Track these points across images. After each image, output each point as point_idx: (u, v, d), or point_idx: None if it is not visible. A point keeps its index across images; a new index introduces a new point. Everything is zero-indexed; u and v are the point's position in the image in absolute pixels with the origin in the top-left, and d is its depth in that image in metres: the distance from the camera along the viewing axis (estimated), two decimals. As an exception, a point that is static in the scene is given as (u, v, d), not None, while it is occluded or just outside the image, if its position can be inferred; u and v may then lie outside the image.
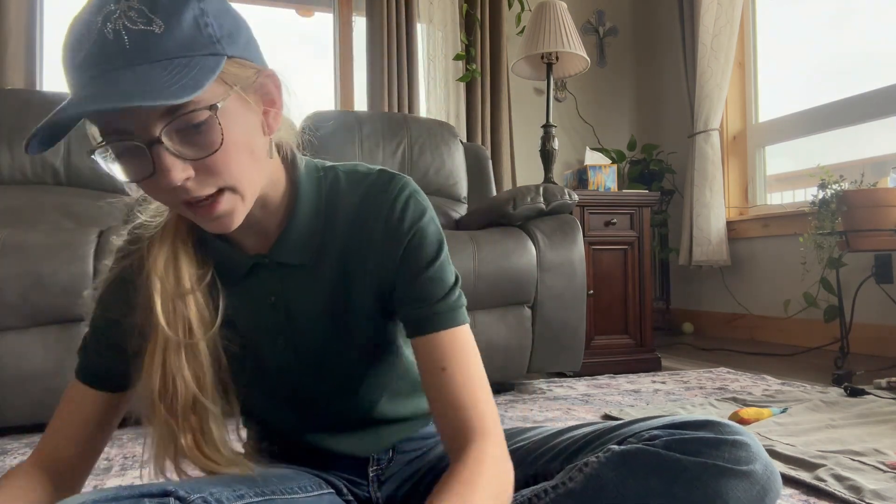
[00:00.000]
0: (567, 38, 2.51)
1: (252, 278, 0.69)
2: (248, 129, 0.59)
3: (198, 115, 0.54)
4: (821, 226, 2.17)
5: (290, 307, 0.71)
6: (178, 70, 0.52)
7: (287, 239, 0.68)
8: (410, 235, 0.68)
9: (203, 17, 0.55)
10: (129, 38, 0.52)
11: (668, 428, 0.65)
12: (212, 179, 0.57)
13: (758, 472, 0.61)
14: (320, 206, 0.69)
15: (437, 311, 0.67)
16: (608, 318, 2.39)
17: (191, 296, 0.64)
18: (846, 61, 2.89)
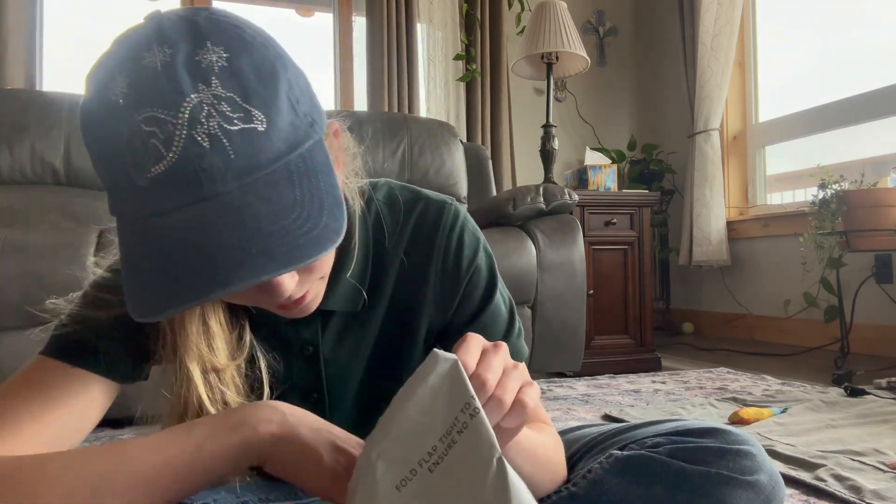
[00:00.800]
0: (567, 38, 2.50)
1: (290, 327, 0.62)
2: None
3: None
4: (821, 226, 2.17)
5: (327, 358, 0.64)
6: (301, 182, 0.45)
7: (335, 286, 0.60)
8: (468, 277, 0.64)
9: (292, 91, 0.46)
10: (232, 144, 0.42)
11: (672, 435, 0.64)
12: (310, 277, 0.52)
13: (763, 482, 0.60)
14: (368, 247, 0.63)
15: None
16: (608, 318, 2.39)
17: (227, 371, 0.57)
18: (846, 61, 2.89)
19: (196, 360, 0.55)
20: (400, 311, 0.65)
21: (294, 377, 0.63)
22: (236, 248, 0.41)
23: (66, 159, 2.20)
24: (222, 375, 0.56)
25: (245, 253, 0.41)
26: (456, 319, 0.65)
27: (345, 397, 0.66)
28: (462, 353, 0.44)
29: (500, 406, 0.43)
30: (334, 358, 0.64)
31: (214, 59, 0.43)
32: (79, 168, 2.21)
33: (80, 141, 2.22)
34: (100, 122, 0.44)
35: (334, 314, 0.63)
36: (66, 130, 2.21)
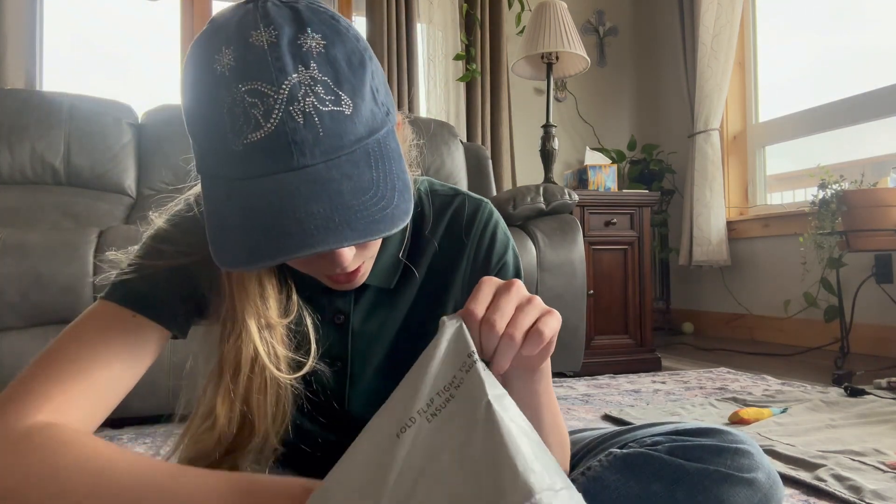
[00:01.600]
0: (567, 38, 2.51)
1: (324, 295, 0.65)
2: None
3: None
4: (821, 226, 2.17)
5: (356, 329, 0.67)
6: (377, 164, 0.49)
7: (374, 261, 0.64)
8: (496, 271, 0.68)
9: (374, 81, 0.51)
10: (322, 123, 0.47)
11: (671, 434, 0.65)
12: (366, 253, 0.57)
13: (760, 479, 0.60)
14: (407, 231, 0.67)
15: None
16: (608, 318, 2.39)
17: (279, 328, 0.60)
18: (846, 61, 2.89)
19: (253, 316, 0.58)
20: (430, 294, 0.68)
21: (324, 346, 0.65)
22: (322, 216, 0.46)
23: (66, 159, 2.20)
24: (274, 331, 0.59)
25: (330, 221, 0.46)
26: None
27: (367, 370, 0.68)
28: (471, 302, 0.47)
29: (511, 342, 0.45)
30: (362, 330, 0.67)
31: (313, 45, 0.48)
32: (79, 168, 2.21)
33: (80, 141, 2.23)
34: (203, 88, 0.48)
35: (368, 288, 0.66)
36: (66, 130, 2.21)
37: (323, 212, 0.46)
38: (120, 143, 2.28)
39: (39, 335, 1.55)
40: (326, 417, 0.71)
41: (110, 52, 3.05)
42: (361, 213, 0.47)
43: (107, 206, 2.18)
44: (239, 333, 0.58)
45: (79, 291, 1.55)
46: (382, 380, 0.69)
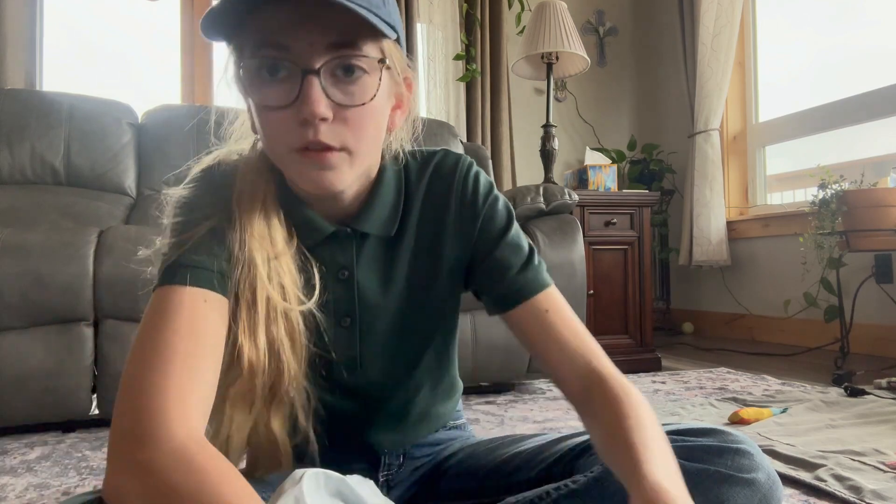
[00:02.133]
0: (567, 38, 2.51)
1: (326, 249, 0.67)
2: (385, 108, 0.62)
3: (364, 63, 0.56)
4: (821, 226, 2.17)
5: (361, 283, 0.68)
6: (378, 8, 0.54)
7: (370, 211, 0.67)
8: (485, 209, 0.70)
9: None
10: None
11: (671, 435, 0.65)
12: (342, 131, 0.57)
13: (760, 480, 0.60)
14: (400, 183, 0.70)
15: (527, 278, 0.68)
16: (608, 318, 2.39)
17: (284, 258, 0.62)
18: (846, 61, 2.89)
19: (258, 249, 0.60)
20: (426, 242, 0.70)
21: (331, 303, 0.67)
22: None
23: (66, 159, 2.20)
24: (280, 262, 0.61)
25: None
26: (479, 248, 0.70)
27: (376, 325, 0.70)
28: None
29: None
30: (367, 283, 0.69)
31: None
32: (79, 168, 2.21)
33: (80, 141, 2.23)
34: None
35: (368, 240, 0.68)
36: (66, 130, 2.21)
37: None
38: (120, 143, 2.28)
39: (39, 335, 1.55)
40: (344, 386, 0.71)
41: (110, 52, 3.05)
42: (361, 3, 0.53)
43: (107, 206, 2.18)
44: (248, 266, 0.60)
45: (79, 291, 1.55)
46: (391, 335, 0.71)
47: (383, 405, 0.76)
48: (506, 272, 0.69)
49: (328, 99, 0.55)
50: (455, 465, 0.79)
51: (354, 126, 0.57)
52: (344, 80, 0.56)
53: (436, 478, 0.80)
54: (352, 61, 0.56)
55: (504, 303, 0.69)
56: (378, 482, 0.79)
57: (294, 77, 0.55)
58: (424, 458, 0.82)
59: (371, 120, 0.59)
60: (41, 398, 1.54)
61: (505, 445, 0.78)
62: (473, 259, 0.71)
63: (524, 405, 1.82)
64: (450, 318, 0.77)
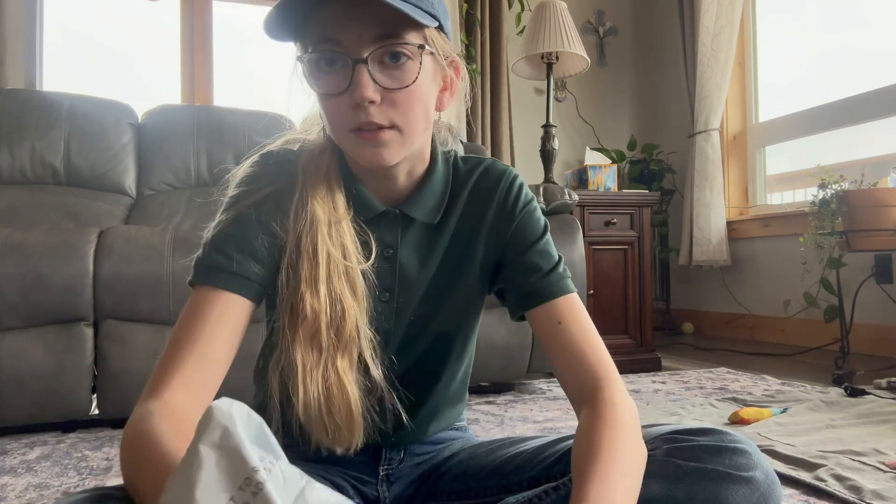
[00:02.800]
0: (567, 38, 2.51)
1: (374, 226, 0.72)
2: (431, 89, 0.67)
3: (406, 50, 0.62)
4: (821, 226, 2.17)
5: (402, 262, 0.74)
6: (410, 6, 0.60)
7: (419, 198, 0.73)
8: (520, 215, 0.75)
9: None
10: None
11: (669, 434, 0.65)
12: (390, 112, 0.63)
13: (758, 478, 0.60)
14: (448, 178, 0.76)
15: (551, 281, 0.73)
16: (608, 318, 2.39)
17: (343, 222, 0.69)
18: (846, 61, 2.89)
19: (321, 209, 0.68)
20: (464, 236, 0.76)
21: (373, 277, 0.71)
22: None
23: (66, 159, 2.20)
24: (341, 225, 0.69)
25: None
26: (510, 250, 0.75)
27: (411, 300, 0.75)
28: None
29: None
30: (408, 262, 0.74)
31: None
32: (79, 168, 2.21)
33: (80, 141, 2.23)
34: None
35: (413, 224, 0.74)
36: (66, 130, 2.22)
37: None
38: (120, 143, 2.28)
39: (39, 335, 1.55)
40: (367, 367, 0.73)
41: (110, 52, 3.05)
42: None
43: (107, 206, 2.18)
44: (311, 223, 0.67)
45: (79, 291, 1.55)
46: (421, 316, 0.76)
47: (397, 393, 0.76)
48: (531, 274, 0.73)
49: (375, 84, 0.62)
50: (455, 465, 0.80)
51: (402, 106, 0.64)
52: (389, 66, 0.63)
53: (436, 478, 0.80)
54: (395, 49, 0.62)
55: (525, 302, 0.73)
56: (378, 476, 0.80)
57: (346, 67, 0.62)
58: (425, 456, 0.83)
59: (417, 100, 0.65)
60: (41, 398, 1.54)
61: (505, 446, 0.78)
62: (503, 260, 0.76)
63: (524, 405, 1.82)
64: (472, 318, 0.80)
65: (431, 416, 0.81)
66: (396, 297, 0.74)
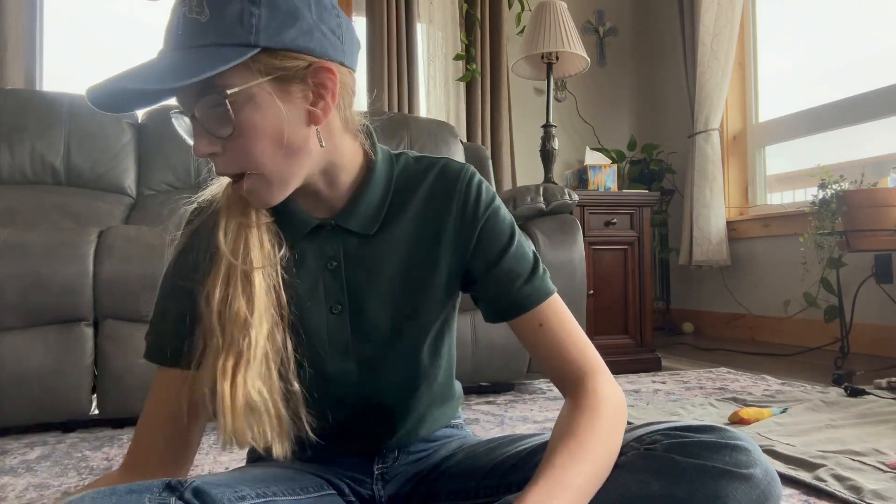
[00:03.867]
0: (567, 38, 2.51)
1: (312, 241, 0.72)
2: (277, 118, 0.61)
3: (213, 100, 0.59)
4: (821, 226, 2.17)
5: (350, 274, 0.72)
6: (203, 57, 0.57)
7: (353, 208, 0.71)
8: (484, 217, 0.73)
9: (249, 8, 0.59)
10: (184, 24, 0.59)
11: (668, 431, 0.65)
12: (236, 160, 0.62)
13: (758, 475, 0.61)
14: (391, 184, 0.73)
15: (533, 287, 0.72)
16: (608, 318, 2.39)
17: (254, 228, 0.67)
18: (846, 61, 2.89)
19: (232, 221, 0.67)
20: (423, 240, 0.73)
21: (321, 290, 0.72)
22: (146, 74, 0.59)
23: (66, 159, 2.20)
24: (250, 231, 0.67)
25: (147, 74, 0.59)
26: (478, 261, 0.73)
27: (367, 311, 0.73)
28: None
29: None
30: (354, 274, 0.72)
31: None
32: (79, 168, 2.21)
33: (80, 141, 2.23)
34: None
35: (352, 235, 0.72)
36: (66, 130, 2.21)
37: (151, 69, 0.59)
38: (120, 143, 2.28)
39: (39, 335, 1.55)
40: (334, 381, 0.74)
41: (110, 52, 3.05)
42: (171, 70, 0.58)
43: (107, 206, 2.18)
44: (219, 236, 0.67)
45: (79, 291, 1.55)
46: (383, 326, 0.74)
47: (377, 401, 0.76)
48: (512, 283, 0.72)
49: (209, 136, 0.61)
50: (454, 465, 0.80)
51: (242, 151, 0.61)
52: (212, 114, 0.60)
53: (434, 478, 0.80)
54: (206, 102, 0.59)
55: (505, 313, 0.73)
56: (373, 475, 0.80)
57: (188, 123, 0.63)
58: (420, 454, 0.83)
59: (255, 139, 0.61)
60: (41, 398, 1.54)
61: (504, 445, 0.78)
62: (473, 268, 0.74)
63: (524, 405, 1.82)
64: (442, 323, 0.77)
65: (419, 420, 0.80)
66: (348, 309, 0.73)
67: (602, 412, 0.65)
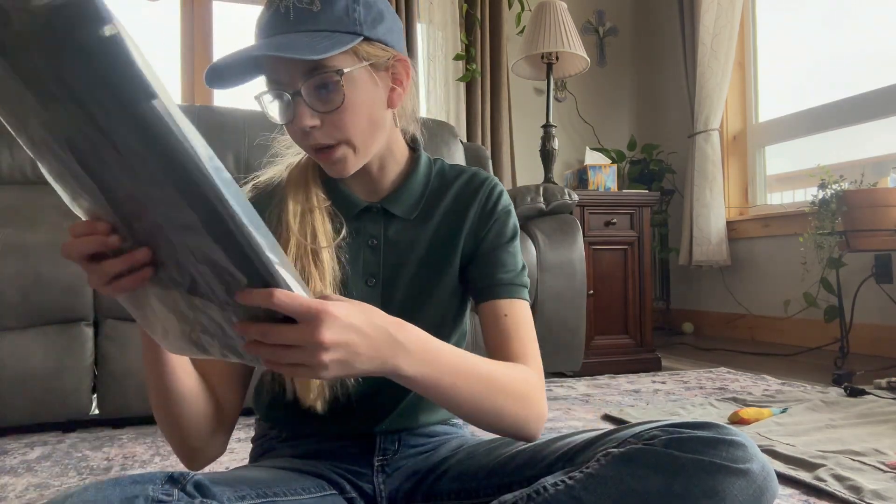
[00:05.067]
0: (567, 38, 2.51)
1: (359, 221, 0.81)
2: (371, 97, 0.73)
3: (328, 77, 0.69)
4: (821, 226, 2.17)
5: (387, 252, 0.82)
6: (320, 40, 0.67)
7: (398, 195, 0.82)
8: (497, 217, 0.83)
9: (352, 4, 0.71)
10: (294, 12, 0.69)
11: (666, 427, 0.66)
12: (333, 132, 0.72)
13: (755, 470, 0.61)
14: (430, 180, 0.85)
15: (513, 282, 0.80)
16: (608, 318, 2.39)
17: (317, 211, 0.77)
18: (846, 61, 2.89)
19: (293, 204, 0.77)
20: (447, 231, 0.83)
21: (361, 264, 0.81)
22: (269, 45, 0.68)
23: (66, 159, 2.20)
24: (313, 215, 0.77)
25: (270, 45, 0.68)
26: (483, 247, 0.82)
27: (397, 287, 0.82)
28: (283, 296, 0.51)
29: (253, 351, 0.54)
30: (392, 252, 0.82)
31: None
32: (79, 168, 2.21)
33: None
34: None
35: (394, 219, 0.82)
36: (66, 130, 2.21)
37: (271, 44, 0.67)
38: (120, 143, 2.28)
39: (39, 335, 1.55)
40: None
41: (110, 52, 3.05)
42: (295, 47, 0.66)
43: (107, 206, 2.18)
44: (285, 216, 0.77)
45: (79, 291, 1.55)
46: (408, 302, 0.81)
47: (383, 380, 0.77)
48: (497, 270, 0.81)
49: (313, 110, 0.70)
50: (455, 465, 0.80)
51: (341, 124, 0.71)
52: (321, 93, 0.70)
53: (436, 478, 0.80)
54: (320, 79, 0.69)
55: (484, 294, 0.80)
56: (373, 467, 0.81)
57: (288, 100, 0.71)
58: (420, 448, 0.83)
59: (354, 114, 0.71)
60: (41, 398, 1.54)
61: (504, 445, 0.79)
62: (478, 251, 0.82)
63: (524, 405, 1.82)
64: (457, 312, 0.85)
65: (421, 403, 0.82)
66: (382, 283, 0.81)
67: (519, 375, 0.72)
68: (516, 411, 0.70)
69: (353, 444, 0.81)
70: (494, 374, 0.70)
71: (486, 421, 0.69)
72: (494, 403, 0.68)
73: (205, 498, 0.59)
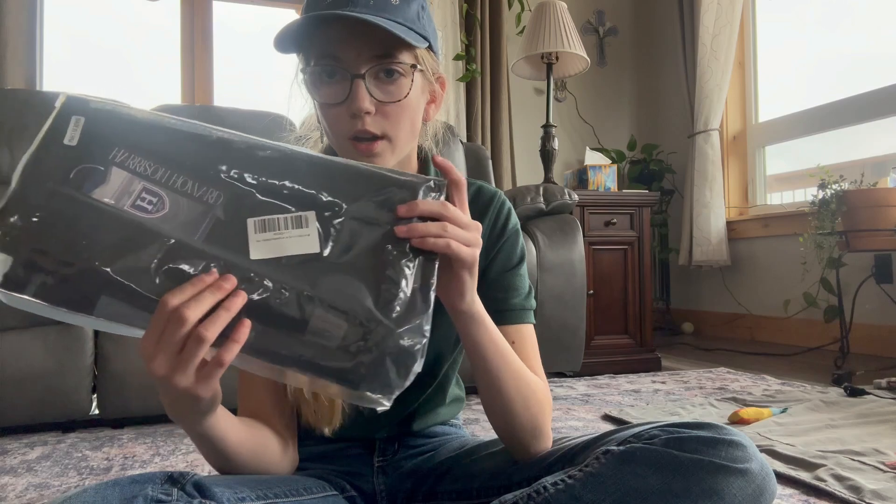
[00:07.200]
0: (567, 38, 2.51)
1: None
2: (419, 103, 0.74)
3: (400, 68, 0.69)
4: (821, 226, 2.17)
5: None
6: (404, 29, 0.67)
7: None
8: (507, 236, 0.82)
9: (423, 11, 0.73)
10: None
11: (666, 427, 0.66)
12: (383, 123, 0.70)
13: (754, 470, 0.61)
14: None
15: (518, 307, 0.80)
16: (608, 318, 2.39)
17: None
18: (846, 61, 2.89)
19: None
20: None
21: None
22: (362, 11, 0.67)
23: (66, 159, 2.20)
24: None
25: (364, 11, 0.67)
26: (495, 266, 0.81)
27: None
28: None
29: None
30: None
31: None
32: (79, 168, 2.21)
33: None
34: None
35: None
36: (66, 130, 2.21)
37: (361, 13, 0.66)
38: (120, 143, 2.28)
39: (39, 335, 1.55)
40: None
41: (110, 52, 3.05)
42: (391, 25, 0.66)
43: (107, 206, 2.18)
44: None
45: (79, 291, 1.54)
46: None
47: None
48: (509, 292, 0.80)
49: (371, 97, 0.68)
50: (455, 465, 0.80)
51: (393, 118, 0.70)
52: (384, 81, 0.69)
53: (436, 479, 0.80)
54: (390, 67, 0.68)
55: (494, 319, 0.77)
56: (373, 468, 0.81)
57: (345, 80, 0.68)
58: (419, 447, 0.84)
59: (406, 113, 0.71)
60: (41, 398, 1.54)
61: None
62: (485, 272, 0.80)
63: (524, 405, 1.82)
64: None
65: (427, 413, 0.83)
66: None
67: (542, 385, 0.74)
68: (536, 412, 0.72)
69: (353, 446, 0.81)
70: (526, 371, 0.72)
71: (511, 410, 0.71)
72: (523, 393, 0.70)
73: (204, 498, 0.59)
